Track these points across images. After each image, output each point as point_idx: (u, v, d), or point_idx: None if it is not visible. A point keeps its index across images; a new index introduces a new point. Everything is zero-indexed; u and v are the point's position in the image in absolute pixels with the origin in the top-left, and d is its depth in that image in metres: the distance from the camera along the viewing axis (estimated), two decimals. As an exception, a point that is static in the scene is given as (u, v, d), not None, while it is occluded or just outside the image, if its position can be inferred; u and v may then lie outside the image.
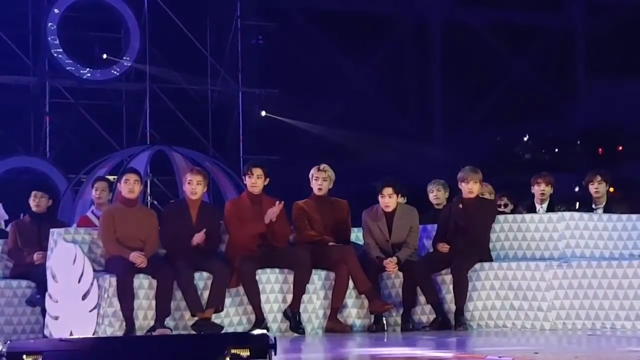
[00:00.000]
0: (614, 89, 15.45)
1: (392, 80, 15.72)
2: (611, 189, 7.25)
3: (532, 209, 7.26)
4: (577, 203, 7.35)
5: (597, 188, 7.09)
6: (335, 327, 6.53)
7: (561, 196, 7.72)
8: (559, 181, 7.63)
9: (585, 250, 6.57)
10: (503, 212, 7.17)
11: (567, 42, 16.73)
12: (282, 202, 6.50)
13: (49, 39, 13.79)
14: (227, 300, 6.38)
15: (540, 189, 7.26)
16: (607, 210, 7.02)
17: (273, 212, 6.44)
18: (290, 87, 14.95)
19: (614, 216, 6.74)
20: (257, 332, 4.15)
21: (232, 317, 6.42)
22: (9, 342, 3.83)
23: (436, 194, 7.35)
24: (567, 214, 6.65)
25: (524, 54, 16.27)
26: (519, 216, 6.80)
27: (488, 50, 15.86)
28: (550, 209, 7.20)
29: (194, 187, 6.50)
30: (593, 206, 7.13)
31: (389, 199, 6.78)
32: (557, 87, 16.31)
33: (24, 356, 3.70)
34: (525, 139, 17.39)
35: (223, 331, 6.21)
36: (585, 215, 6.68)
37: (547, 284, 6.35)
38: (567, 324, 6.29)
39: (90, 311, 6.22)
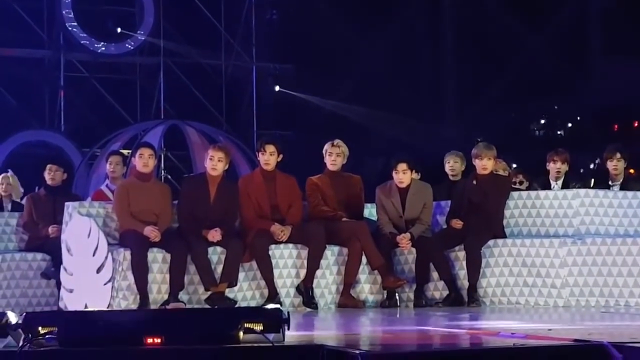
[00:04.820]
0: (629, 66, 15.29)
1: (405, 56, 15.61)
2: (631, 171, 7.17)
3: (546, 186, 7.21)
4: (592, 180, 7.30)
5: (616, 165, 7.03)
6: (348, 303, 6.55)
7: (576, 173, 7.67)
8: (574, 158, 7.58)
9: (600, 227, 6.53)
10: (518, 189, 7.13)
11: (582, 19, 16.54)
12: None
13: (64, 12, 13.78)
14: (241, 275, 6.40)
15: (556, 167, 7.20)
16: (623, 187, 6.96)
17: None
18: (304, 62, 14.88)
19: (629, 193, 6.69)
20: (270, 306, 4.16)
21: (246, 291, 6.44)
22: (24, 314, 3.86)
23: (452, 165, 7.31)
24: (582, 191, 6.61)
25: (538, 30, 16.11)
26: (533, 193, 6.77)
27: (502, 26, 15.71)
28: (565, 186, 7.16)
29: (214, 163, 6.49)
30: (610, 183, 7.07)
31: (403, 175, 6.76)
32: (572, 63, 16.16)
33: (40, 328, 3.73)
34: (540, 115, 17.27)
35: (236, 305, 6.24)
36: (600, 192, 6.64)
37: (561, 261, 6.33)
38: (580, 301, 6.28)
39: (105, 284, 6.26)
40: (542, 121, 17.29)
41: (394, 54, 15.50)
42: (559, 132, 17.35)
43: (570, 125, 17.50)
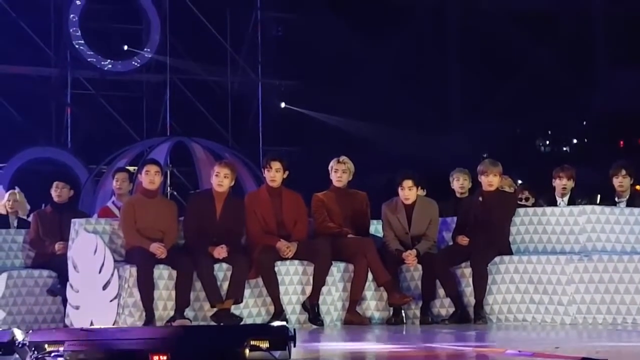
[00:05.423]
0: (636, 80, 15.28)
1: (411, 71, 15.66)
2: (637, 187, 7.15)
3: (552, 202, 7.20)
4: (599, 196, 7.28)
5: (622, 182, 7.01)
6: (354, 319, 6.53)
7: (582, 189, 7.65)
8: (579, 174, 7.57)
9: (607, 244, 6.51)
10: (524, 206, 7.12)
11: (587, 32, 16.57)
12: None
13: (71, 30, 13.88)
14: (247, 292, 6.39)
15: (562, 184, 7.19)
16: (630, 204, 6.94)
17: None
18: (310, 78, 14.93)
19: (636, 210, 6.67)
20: (276, 323, 4.16)
21: (251, 308, 6.44)
22: (31, 331, 3.86)
23: (462, 183, 7.28)
24: (588, 207, 6.59)
25: (544, 43, 16.13)
26: (539, 209, 6.75)
27: (507, 39, 15.74)
28: (571, 202, 7.14)
29: (220, 179, 6.50)
30: (616, 199, 7.06)
31: (408, 192, 6.76)
32: (578, 77, 16.17)
33: (46, 345, 3.73)
34: (545, 131, 17.26)
35: (242, 322, 6.23)
36: (607, 208, 6.62)
37: (568, 278, 6.31)
38: (587, 319, 6.25)
39: (111, 301, 6.26)
40: (547, 141, 17.28)
41: (400, 69, 15.54)
42: (564, 149, 17.34)
43: (575, 141, 17.48)
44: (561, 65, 15.92)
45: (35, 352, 3.72)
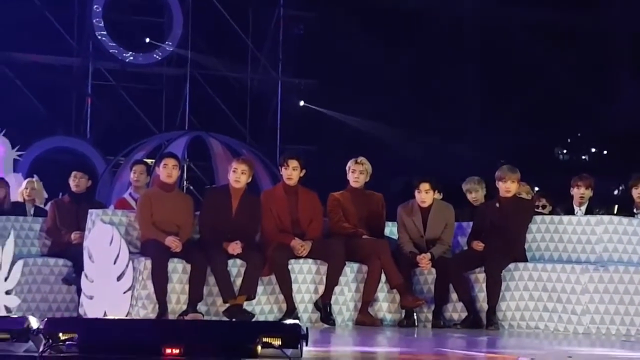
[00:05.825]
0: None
1: (429, 75, 15.62)
2: None
3: (570, 211, 7.17)
4: (616, 207, 7.24)
5: (641, 193, 6.97)
6: (365, 320, 6.53)
7: (600, 199, 7.60)
8: (598, 184, 7.52)
9: (623, 255, 6.48)
10: (541, 213, 7.09)
11: (607, 43, 16.47)
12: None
13: (94, 21, 13.94)
14: (259, 289, 6.41)
15: (580, 192, 7.15)
16: (648, 215, 6.90)
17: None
18: (329, 77, 14.92)
19: (654, 221, 6.63)
20: (289, 321, 4.17)
21: (263, 305, 6.45)
22: (46, 319, 3.89)
23: (474, 196, 7.26)
24: (606, 218, 6.56)
25: (563, 53, 16.05)
26: (556, 217, 6.73)
27: (526, 47, 15.67)
28: (588, 211, 7.10)
29: (238, 175, 6.52)
30: (634, 211, 7.01)
31: (425, 195, 6.76)
32: (598, 87, 16.08)
33: (60, 334, 3.76)
34: (564, 139, 17.18)
35: (254, 319, 6.24)
36: (624, 219, 6.59)
37: (583, 288, 6.28)
38: (601, 329, 6.22)
39: (125, 292, 6.29)
40: (566, 149, 17.18)
41: (417, 73, 15.51)
42: (583, 157, 17.24)
43: (594, 150, 17.38)
44: (582, 74, 15.83)
45: (50, 340, 3.75)
